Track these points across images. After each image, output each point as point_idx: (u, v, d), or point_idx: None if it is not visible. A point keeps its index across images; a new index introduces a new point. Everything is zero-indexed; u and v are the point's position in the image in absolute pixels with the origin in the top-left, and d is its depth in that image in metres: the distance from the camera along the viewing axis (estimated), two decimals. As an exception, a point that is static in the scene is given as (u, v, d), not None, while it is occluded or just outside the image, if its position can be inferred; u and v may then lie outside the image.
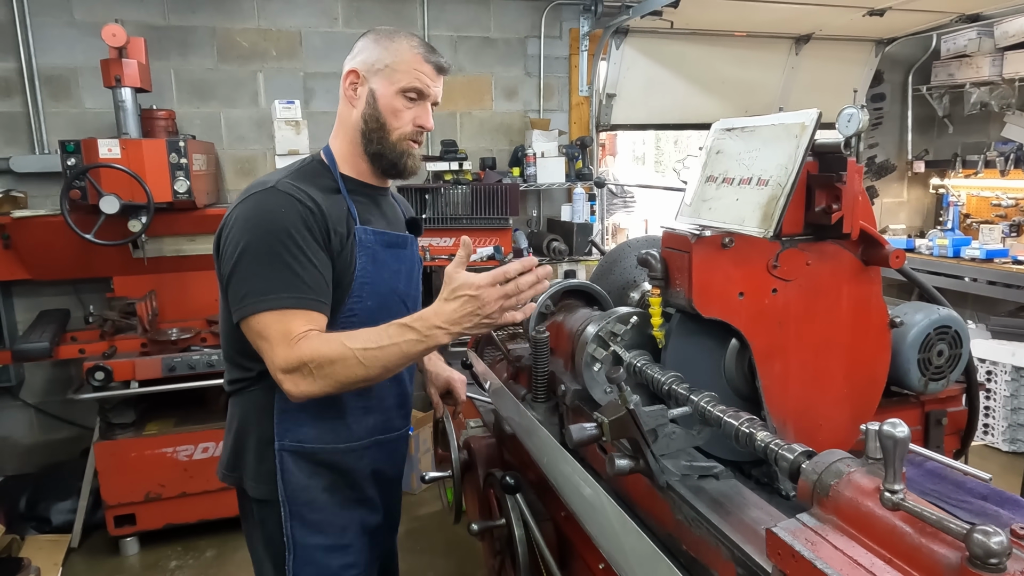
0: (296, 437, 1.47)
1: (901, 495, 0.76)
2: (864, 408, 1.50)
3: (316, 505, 1.49)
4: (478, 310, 1.33)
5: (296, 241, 1.36)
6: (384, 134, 1.51)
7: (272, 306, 1.33)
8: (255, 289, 1.34)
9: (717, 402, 1.21)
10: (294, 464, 1.47)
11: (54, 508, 3.44)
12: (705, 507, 1.12)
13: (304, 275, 1.36)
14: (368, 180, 1.57)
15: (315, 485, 1.49)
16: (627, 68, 4.51)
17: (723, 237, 1.33)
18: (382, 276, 1.51)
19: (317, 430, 1.48)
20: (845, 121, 1.29)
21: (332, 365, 1.30)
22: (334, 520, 1.51)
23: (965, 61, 4.87)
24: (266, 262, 1.34)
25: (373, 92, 1.49)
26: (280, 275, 1.34)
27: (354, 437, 1.53)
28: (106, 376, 3.04)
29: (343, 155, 1.55)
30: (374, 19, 4.16)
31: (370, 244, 1.49)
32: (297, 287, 1.35)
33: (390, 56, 1.49)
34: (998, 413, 4.16)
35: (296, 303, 1.34)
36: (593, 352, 1.51)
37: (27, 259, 3.38)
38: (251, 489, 1.50)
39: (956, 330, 1.62)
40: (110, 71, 3.13)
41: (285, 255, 1.34)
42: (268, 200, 1.38)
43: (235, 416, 1.55)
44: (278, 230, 1.35)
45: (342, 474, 1.53)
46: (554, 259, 4.15)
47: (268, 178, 1.45)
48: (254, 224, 1.37)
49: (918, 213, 5.68)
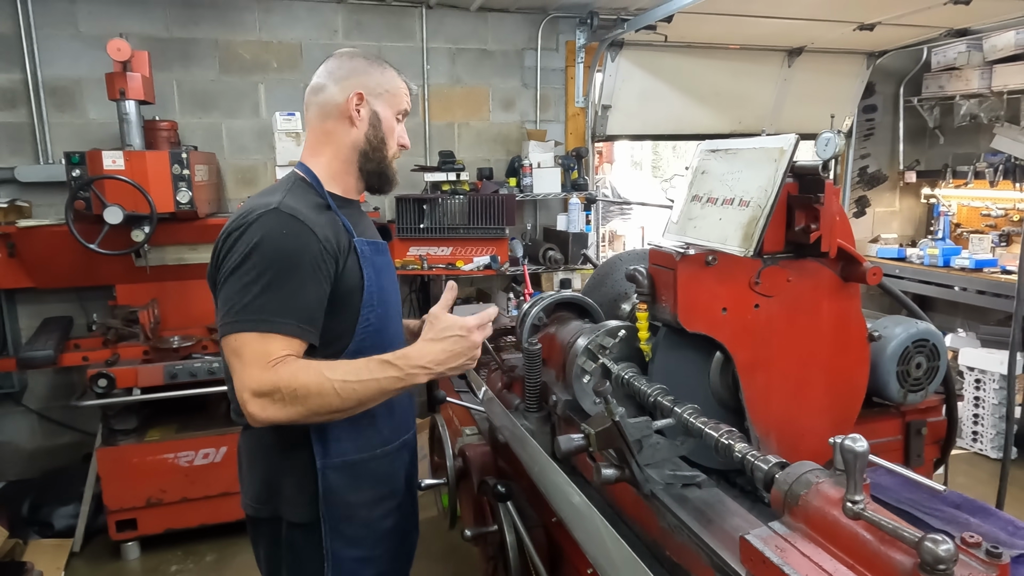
0: (338, 452, 1.48)
1: (862, 505, 0.82)
2: (845, 419, 1.56)
3: (355, 520, 1.52)
4: (466, 351, 1.39)
5: (298, 266, 1.36)
6: (384, 153, 1.59)
7: (256, 328, 1.31)
8: (242, 306, 1.32)
9: (700, 414, 1.27)
10: (337, 480, 1.49)
11: (56, 513, 3.49)
12: (687, 515, 1.18)
13: (293, 300, 1.34)
14: (350, 196, 1.61)
15: (357, 500, 1.52)
16: (622, 80, 4.58)
17: (707, 255, 1.39)
18: (383, 282, 1.56)
19: (355, 442, 1.51)
20: (823, 145, 1.35)
21: (307, 393, 1.28)
22: (369, 533, 1.55)
23: (955, 74, 4.95)
24: (256, 281, 1.33)
25: (377, 114, 1.56)
26: (267, 296, 1.32)
27: (387, 440, 1.57)
28: (109, 383, 3.09)
29: (330, 172, 1.56)
30: (374, 32, 4.23)
31: (368, 254, 1.53)
32: (284, 311, 1.33)
33: (388, 82, 1.58)
34: (987, 421, 4.22)
35: (279, 328, 1.32)
36: (583, 364, 1.57)
37: (31, 267, 3.44)
38: (289, 514, 1.49)
39: (934, 343, 1.68)
40: (115, 84, 3.19)
41: (277, 279, 1.34)
42: (275, 221, 1.38)
43: (259, 448, 1.52)
44: (281, 253, 1.35)
45: (383, 481, 1.57)
46: (550, 268, 4.21)
47: (266, 199, 1.43)
48: (263, 243, 1.35)
49: (910, 223, 5.75)
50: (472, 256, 4.02)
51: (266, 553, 1.58)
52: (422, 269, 3.98)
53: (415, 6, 4.28)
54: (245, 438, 1.57)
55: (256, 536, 1.60)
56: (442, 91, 4.45)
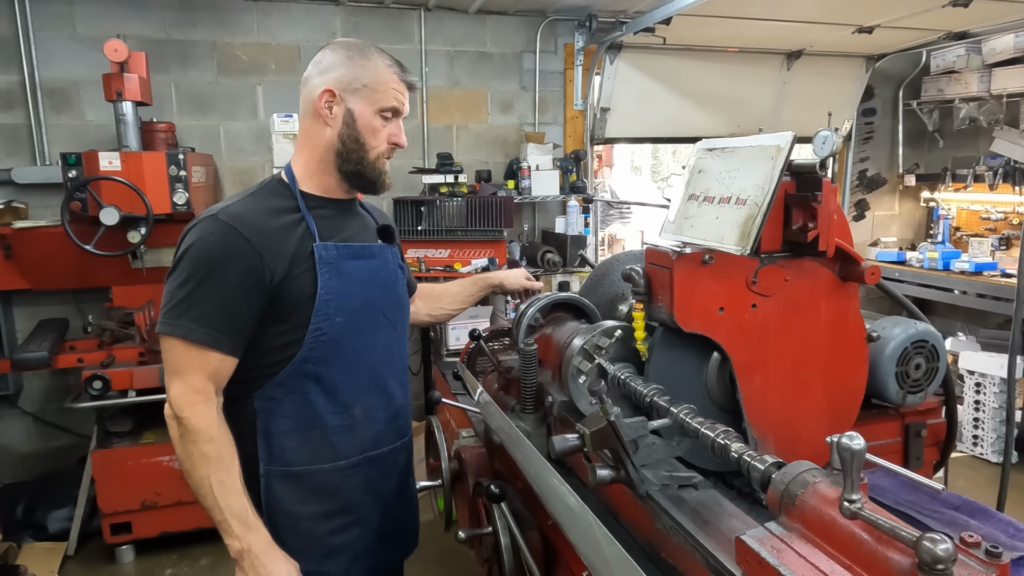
0: (281, 460, 1.45)
1: (859, 504, 0.80)
2: (843, 420, 1.54)
3: (300, 531, 1.47)
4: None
5: (222, 274, 1.35)
6: (363, 154, 1.50)
7: (179, 334, 1.34)
8: (171, 309, 1.36)
9: (696, 414, 1.25)
10: (279, 489, 1.45)
11: (51, 516, 3.46)
12: (683, 516, 1.16)
13: (213, 309, 1.35)
14: (334, 195, 1.54)
15: (300, 511, 1.47)
16: (621, 83, 4.58)
17: (703, 254, 1.38)
18: (351, 290, 1.48)
19: (302, 452, 1.46)
20: (820, 143, 1.34)
21: (195, 447, 1.34)
22: (316, 547, 1.49)
23: (954, 77, 4.95)
24: (188, 287, 1.35)
25: (351, 112, 1.47)
26: (196, 304, 1.34)
27: (340, 456, 1.50)
28: (104, 385, 3.07)
29: (307, 172, 1.52)
30: (372, 34, 4.23)
31: (332, 260, 1.45)
32: (208, 322, 1.35)
33: (368, 75, 1.47)
34: (987, 425, 4.20)
35: (201, 338, 1.34)
36: (579, 365, 1.55)
37: (27, 269, 3.42)
38: None
39: (933, 344, 1.67)
40: (111, 85, 3.18)
41: (206, 286, 1.35)
42: (208, 228, 1.38)
43: None
44: (206, 260, 1.35)
45: (332, 496, 1.50)
46: (548, 270, 4.19)
47: (215, 207, 1.44)
48: (192, 248, 1.37)
49: (909, 226, 5.74)
50: (470, 258, 4.01)
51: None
52: (420, 271, 3.97)
53: (414, 8, 4.28)
54: None
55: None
56: (440, 93, 4.44)
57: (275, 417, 1.45)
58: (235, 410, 1.45)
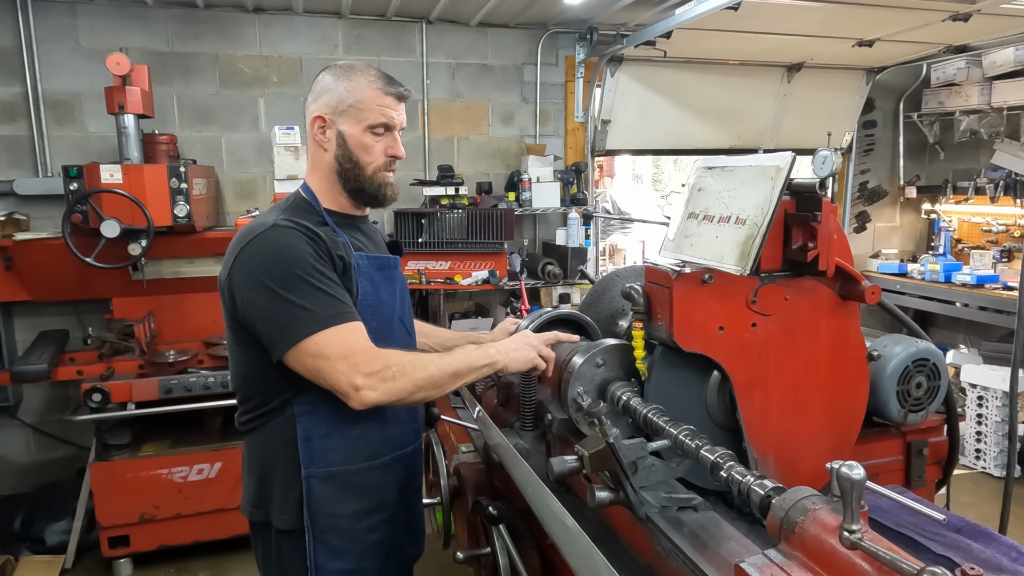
0: (323, 462, 1.50)
1: (859, 535, 0.79)
2: (844, 439, 1.53)
3: (340, 531, 1.52)
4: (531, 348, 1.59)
5: (316, 267, 1.42)
6: (360, 171, 1.56)
7: (323, 326, 1.37)
8: (297, 317, 1.38)
9: (695, 435, 1.24)
10: (321, 490, 1.49)
11: (49, 529, 3.45)
12: (682, 540, 1.15)
13: (336, 294, 1.43)
14: (349, 212, 1.62)
15: (341, 512, 1.52)
16: (622, 95, 4.59)
17: (703, 273, 1.37)
18: (381, 298, 1.58)
19: (342, 452, 1.51)
20: (820, 163, 1.34)
21: (413, 368, 1.41)
22: (355, 545, 1.54)
23: (955, 89, 4.96)
24: (297, 291, 1.39)
25: (342, 134, 1.53)
26: (316, 298, 1.39)
27: (376, 454, 1.57)
28: (103, 398, 3.07)
29: (322, 192, 1.59)
30: (374, 47, 4.25)
31: (367, 269, 1.55)
32: (336, 305, 1.41)
33: (352, 96, 1.52)
34: (990, 439, 4.18)
35: (345, 318, 1.40)
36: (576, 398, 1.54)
37: (28, 281, 3.43)
38: (278, 521, 1.51)
39: (934, 362, 1.66)
40: (114, 98, 3.20)
41: (313, 281, 1.40)
42: (276, 237, 1.44)
43: (257, 452, 1.56)
44: (297, 260, 1.41)
45: (370, 494, 1.56)
46: (549, 282, 4.19)
47: (264, 219, 1.50)
48: (271, 260, 1.41)
49: (911, 238, 5.74)
50: (471, 271, 4.01)
51: (262, 557, 1.61)
52: (420, 284, 3.97)
53: (415, 21, 4.30)
54: (246, 443, 1.61)
55: (254, 539, 1.63)
56: (442, 105, 4.45)
57: (316, 420, 1.50)
58: (275, 418, 1.51)
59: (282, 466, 1.50)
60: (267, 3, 3.96)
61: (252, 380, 1.52)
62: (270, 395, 1.49)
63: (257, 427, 1.54)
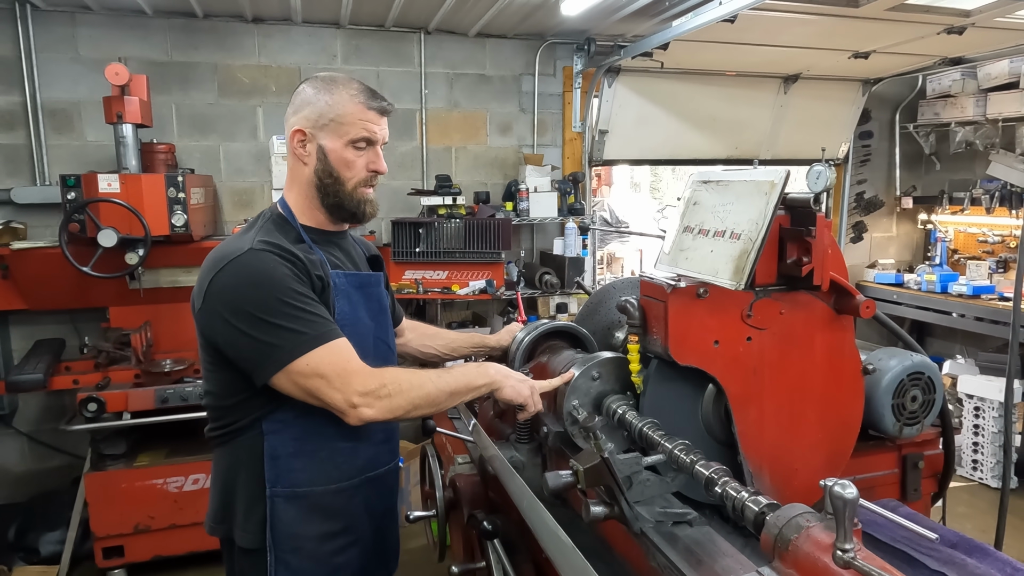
0: (288, 482, 1.47)
1: (852, 554, 0.79)
2: (839, 453, 1.54)
3: (303, 552, 1.48)
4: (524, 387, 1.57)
5: (297, 289, 1.40)
6: (340, 186, 1.52)
7: (314, 345, 1.36)
8: (285, 339, 1.36)
9: (691, 450, 1.24)
10: (285, 510, 1.47)
11: (43, 539, 3.43)
12: (677, 555, 1.15)
13: (321, 312, 1.42)
14: (326, 228, 1.59)
15: (304, 533, 1.49)
16: (619, 105, 4.61)
17: (698, 287, 1.38)
18: (359, 316, 1.55)
19: (308, 473, 1.48)
20: (814, 178, 1.35)
21: (409, 385, 1.41)
22: (319, 568, 1.51)
23: (950, 101, 4.99)
24: (282, 315, 1.37)
25: (323, 148, 1.50)
26: (303, 320, 1.37)
27: (344, 476, 1.53)
28: (99, 407, 3.06)
29: (300, 208, 1.56)
30: (372, 57, 4.26)
31: (344, 287, 1.53)
32: (324, 324, 1.40)
33: (333, 109, 1.48)
34: (987, 450, 4.18)
35: (334, 335, 1.40)
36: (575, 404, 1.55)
37: (25, 290, 3.42)
38: (239, 539, 1.49)
39: (929, 375, 1.66)
40: (112, 108, 3.20)
41: (296, 303, 1.38)
42: (252, 262, 1.40)
43: (222, 466, 1.55)
44: (277, 286, 1.38)
45: (335, 517, 1.53)
46: (546, 292, 4.19)
47: (239, 242, 1.45)
48: (249, 288, 1.38)
49: (907, 248, 5.75)
50: (468, 280, 4.01)
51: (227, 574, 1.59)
52: (417, 293, 3.97)
53: (414, 31, 4.32)
54: (214, 456, 1.59)
55: (224, 555, 1.61)
56: (440, 115, 4.47)
57: (284, 439, 1.48)
58: (244, 434, 1.49)
59: (247, 483, 1.47)
60: (266, 13, 3.98)
61: (225, 399, 1.49)
62: (242, 414, 1.47)
63: (225, 441, 1.52)
